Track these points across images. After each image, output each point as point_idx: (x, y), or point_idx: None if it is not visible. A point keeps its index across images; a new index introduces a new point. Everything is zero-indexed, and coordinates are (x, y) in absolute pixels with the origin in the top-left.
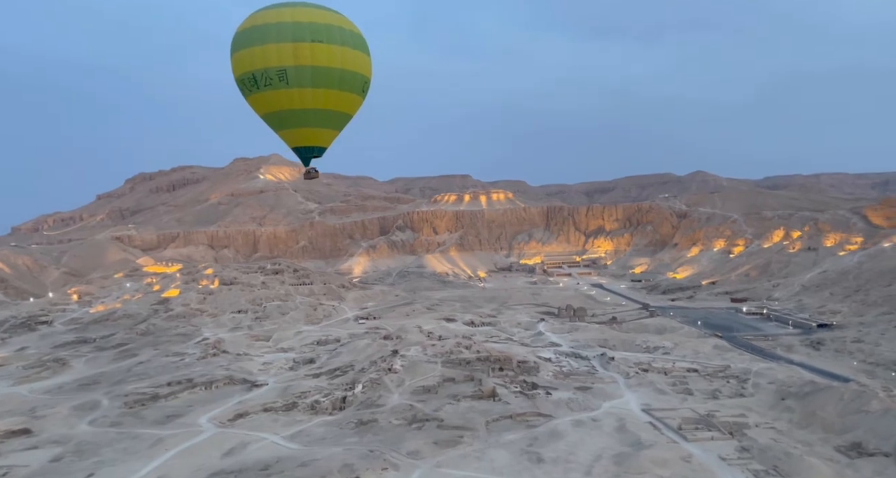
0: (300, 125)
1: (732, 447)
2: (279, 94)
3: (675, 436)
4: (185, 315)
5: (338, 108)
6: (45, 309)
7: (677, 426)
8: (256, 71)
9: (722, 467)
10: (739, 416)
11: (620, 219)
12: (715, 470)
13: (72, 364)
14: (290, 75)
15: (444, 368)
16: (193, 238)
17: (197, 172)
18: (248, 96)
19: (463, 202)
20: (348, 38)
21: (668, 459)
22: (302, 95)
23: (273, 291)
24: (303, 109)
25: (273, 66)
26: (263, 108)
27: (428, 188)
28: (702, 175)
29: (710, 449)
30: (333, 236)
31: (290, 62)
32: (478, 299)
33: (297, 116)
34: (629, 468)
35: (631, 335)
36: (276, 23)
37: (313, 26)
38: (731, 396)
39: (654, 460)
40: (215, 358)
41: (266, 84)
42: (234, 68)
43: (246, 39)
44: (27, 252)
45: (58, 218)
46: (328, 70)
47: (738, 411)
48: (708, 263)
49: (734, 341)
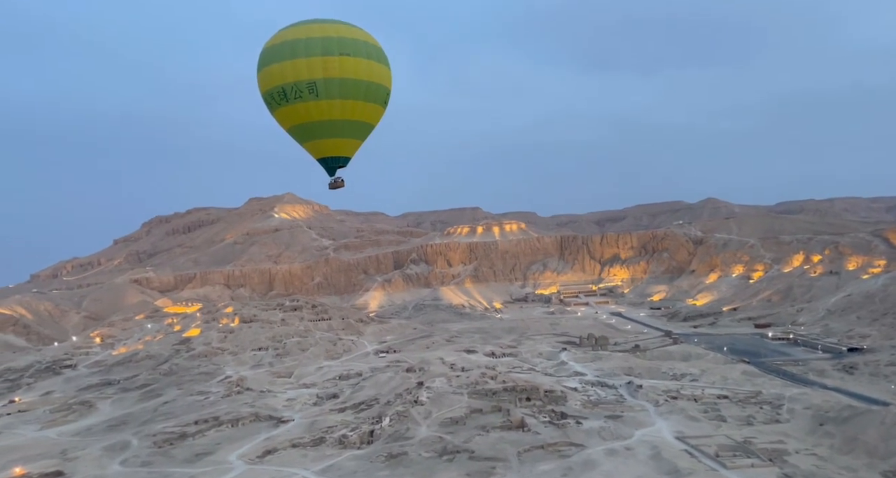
0: (327, 136)
1: (774, 475)
2: (308, 106)
3: (713, 464)
4: (207, 354)
5: (363, 119)
6: (68, 353)
7: (714, 454)
8: (287, 84)
9: None
10: (778, 442)
11: (635, 247)
12: None
13: (98, 406)
14: (319, 87)
15: (470, 398)
16: (210, 278)
17: (212, 213)
18: (276, 110)
19: (476, 234)
20: (373, 51)
21: None
22: (331, 107)
23: (292, 328)
24: (330, 120)
25: (303, 79)
26: (291, 120)
27: (439, 221)
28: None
29: (752, 476)
30: (348, 272)
31: (320, 75)
32: (496, 330)
33: (324, 127)
34: None
35: (656, 363)
36: (306, 38)
37: (341, 40)
38: (767, 422)
39: None
40: (239, 396)
41: (296, 96)
42: (261, 83)
43: (276, 54)
44: (48, 298)
45: (76, 263)
46: (356, 82)
47: (776, 437)
48: (728, 289)
49: (763, 367)
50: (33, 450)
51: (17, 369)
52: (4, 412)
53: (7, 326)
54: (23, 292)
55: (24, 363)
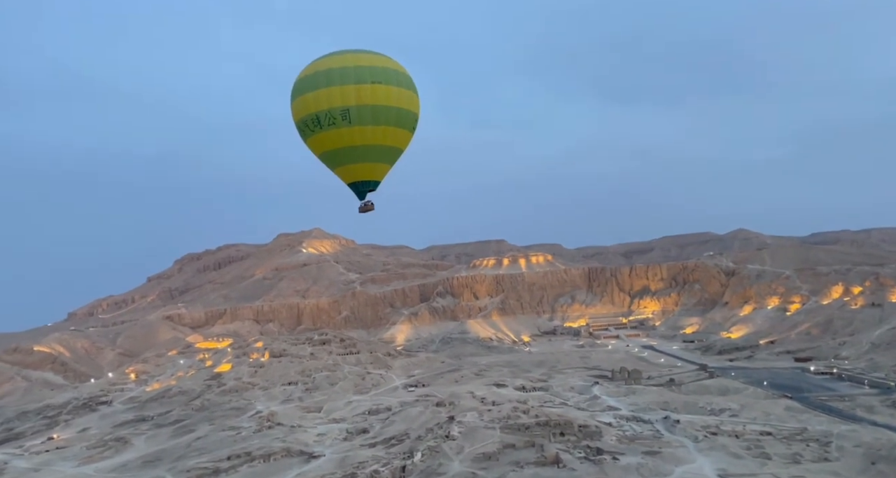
0: (358, 161)
1: None
2: (341, 133)
3: None
4: (238, 389)
5: (393, 144)
6: (104, 389)
7: None
8: (321, 112)
9: None
10: None
11: (665, 278)
12: None
13: (133, 442)
14: (352, 114)
15: (503, 433)
16: (239, 314)
17: (242, 250)
18: (309, 137)
19: (502, 266)
20: (402, 79)
21: None
22: (363, 133)
23: (321, 362)
24: (363, 145)
25: (337, 107)
26: (324, 146)
27: (464, 254)
28: (743, 233)
29: None
30: (375, 305)
31: (353, 102)
32: (525, 364)
33: (356, 152)
34: None
35: (692, 397)
36: (340, 67)
37: (373, 69)
38: (815, 460)
39: None
40: (270, 431)
41: (330, 123)
42: (296, 111)
43: (310, 83)
44: (85, 335)
45: (111, 301)
46: (387, 108)
47: (826, 476)
48: (763, 322)
49: (807, 402)
50: None
51: (55, 406)
52: (43, 449)
53: (46, 363)
54: (61, 330)
55: (61, 400)
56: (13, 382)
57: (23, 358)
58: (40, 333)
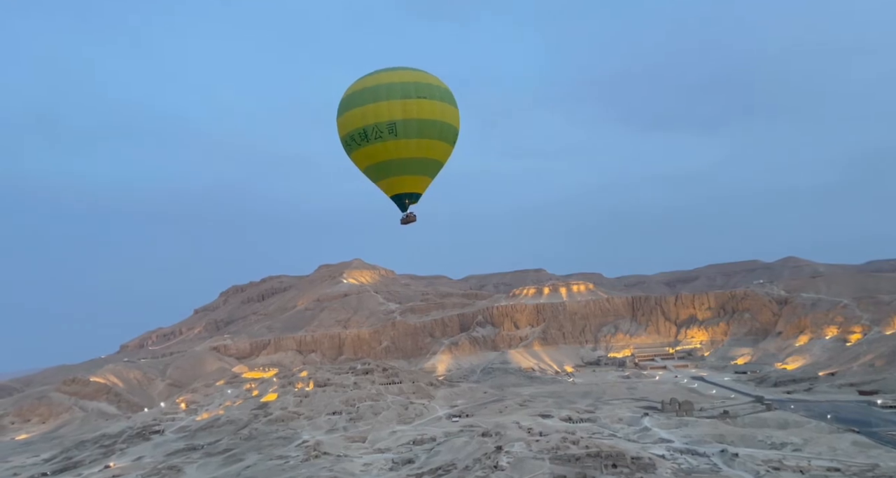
0: (401, 173)
1: None
2: (387, 146)
3: None
4: (284, 419)
5: (435, 157)
6: (156, 419)
7: None
8: (368, 126)
9: None
10: None
11: (713, 307)
12: None
13: (185, 471)
14: (399, 128)
15: (552, 464)
16: (283, 344)
17: (285, 281)
18: (354, 152)
19: (542, 295)
20: (445, 95)
21: None
22: (408, 146)
23: (365, 391)
24: (408, 158)
25: (384, 121)
26: (369, 160)
27: (502, 284)
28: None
29: None
30: (415, 335)
31: (400, 116)
32: (570, 395)
33: (400, 165)
34: None
35: (749, 430)
36: (387, 83)
37: (417, 85)
38: None
39: None
40: (317, 460)
41: (376, 137)
42: (342, 127)
43: (358, 99)
44: (137, 366)
45: (160, 333)
46: (431, 122)
47: None
48: (822, 353)
49: (876, 438)
50: None
51: (111, 435)
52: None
53: (101, 394)
54: (114, 362)
55: (116, 430)
56: (71, 412)
57: (79, 389)
58: (95, 365)
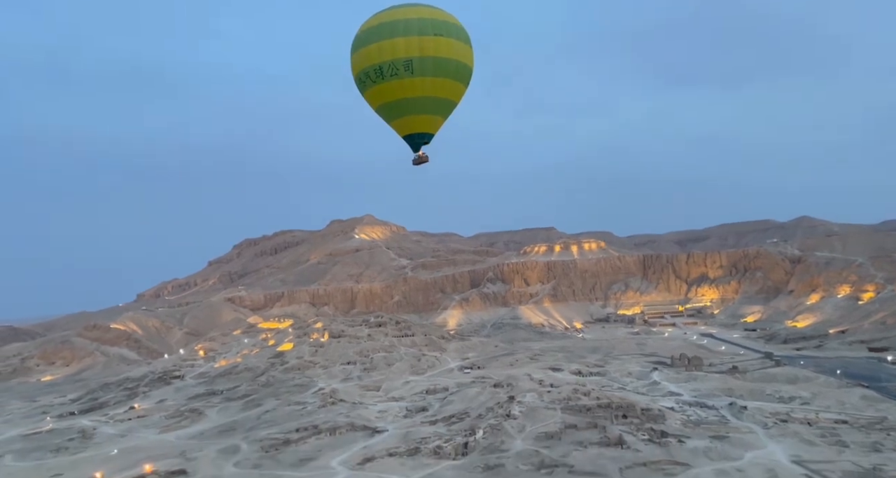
0: (415, 112)
1: None
2: (402, 84)
3: None
4: (300, 367)
5: (449, 96)
6: (176, 365)
7: None
8: (384, 63)
9: None
10: None
11: (725, 266)
12: None
13: (207, 414)
14: (415, 65)
15: (564, 414)
16: (296, 297)
17: (297, 236)
18: (368, 89)
19: (553, 253)
20: (460, 32)
21: None
22: (423, 84)
23: (378, 343)
24: (423, 97)
25: (401, 57)
26: (383, 98)
27: (512, 242)
28: (808, 220)
29: None
30: (426, 291)
31: (417, 53)
32: (580, 350)
33: (415, 104)
34: None
35: (759, 385)
36: (404, 19)
37: (434, 22)
38: None
39: None
40: (334, 406)
41: (392, 74)
42: (357, 63)
43: (374, 35)
44: (155, 315)
45: (175, 284)
46: (447, 61)
47: None
48: (833, 311)
49: (885, 392)
50: (156, 451)
51: (133, 379)
52: (126, 418)
53: (121, 340)
54: (132, 310)
55: (139, 374)
56: (93, 357)
57: (101, 335)
58: (113, 313)
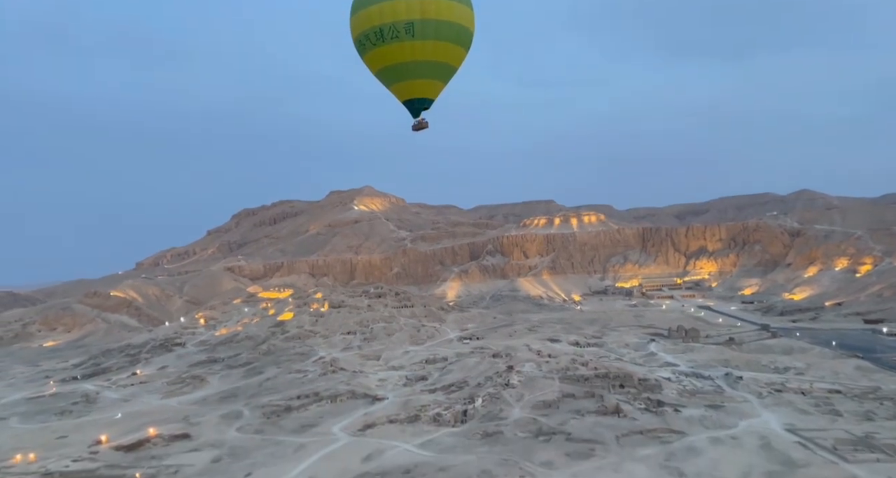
0: (416, 77)
1: None
2: (403, 47)
3: (831, 457)
4: (300, 336)
5: (449, 61)
6: (177, 332)
7: (831, 447)
8: (385, 25)
9: None
10: None
11: (724, 239)
12: None
13: (208, 380)
14: (416, 28)
15: (562, 384)
16: (296, 267)
17: (296, 206)
18: (368, 52)
19: (553, 225)
20: None
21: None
22: (424, 48)
23: (378, 314)
24: (423, 61)
25: (402, 20)
26: (383, 61)
27: (512, 214)
28: (808, 194)
29: (878, 471)
30: (425, 263)
31: (418, 16)
32: (578, 322)
33: (415, 68)
34: None
35: (755, 356)
36: None
37: None
38: (890, 418)
39: None
40: (334, 375)
41: (393, 37)
42: (357, 25)
43: None
44: (155, 283)
45: (174, 253)
46: (448, 24)
47: None
48: (830, 284)
49: (879, 363)
50: (160, 415)
51: (135, 346)
52: (129, 383)
53: (122, 307)
54: (132, 278)
55: (140, 341)
56: (94, 323)
57: (101, 302)
58: (114, 281)
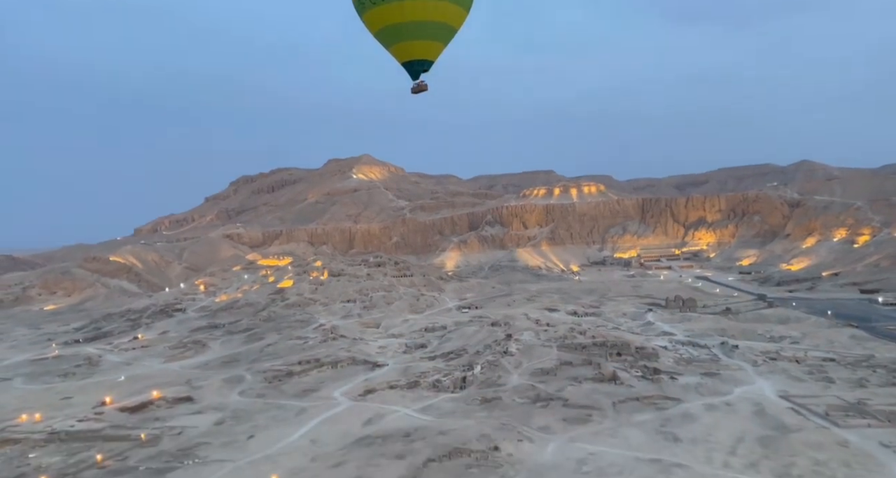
0: (416, 38)
1: (895, 435)
2: (403, 6)
3: (823, 422)
4: (300, 304)
5: (449, 22)
6: (177, 298)
7: (824, 412)
8: None
9: (887, 454)
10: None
11: (723, 209)
12: (879, 456)
13: (209, 346)
14: None
15: (560, 352)
16: (295, 235)
17: (294, 174)
18: (367, 11)
19: (553, 196)
20: None
21: (822, 442)
22: (425, 7)
23: (377, 282)
24: (424, 21)
25: None
26: (383, 21)
27: (511, 185)
28: (808, 164)
29: (869, 436)
30: (424, 232)
31: None
32: (576, 292)
33: (415, 29)
34: (778, 450)
35: (751, 325)
36: None
37: None
38: (882, 385)
39: (806, 443)
40: (335, 342)
41: None
42: None
43: None
44: (154, 249)
45: (172, 219)
46: None
47: (894, 400)
48: (828, 254)
49: (874, 332)
50: (163, 378)
51: (136, 311)
52: (130, 347)
53: (121, 273)
54: (131, 244)
55: (141, 306)
56: (94, 288)
57: (100, 267)
58: (112, 246)
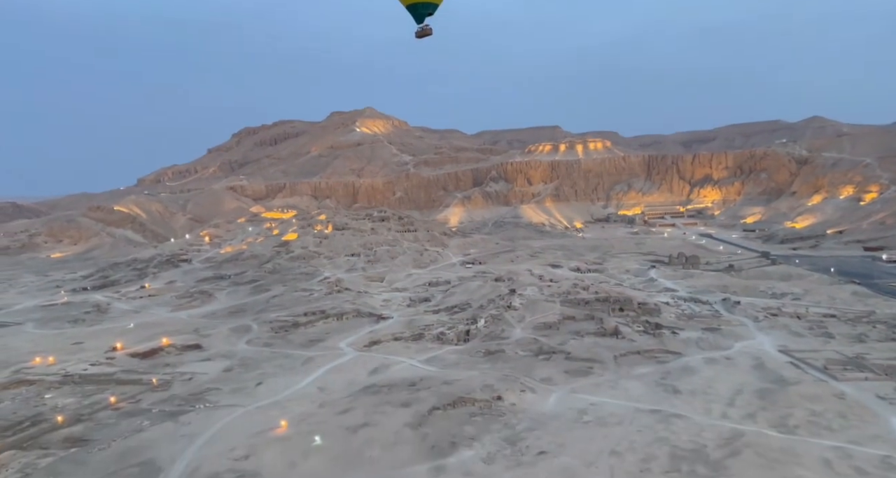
0: None
1: (891, 388)
2: None
3: (821, 375)
4: (305, 257)
5: None
6: (183, 249)
7: (822, 366)
8: None
9: (882, 405)
10: (894, 359)
11: (730, 167)
12: (874, 408)
13: (216, 296)
14: None
15: (563, 307)
16: (298, 189)
17: (297, 126)
18: None
19: (558, 152)
20: None
21: (819, 394)
22: None
23: (382, 237)
24: None
25: None
26: None
27: (516, 140)
28: (818, 121)
29: (866, 389)
30: (428, 188)
31: None
32: (579, 248)
33: None
34: (775, 402)
35: (753, 282)
36: None
37: None
38: (882, 340)
39: (804, 395)
40: (340, 294)
41: None
42: None
43: None
44: (158, 200)
45: (175, 170)
46: None
47: (892, 354)
48: (833, 212)
49: (876, 288)
50: (172, 327)
51: (142, 260)
52: (138, 296)
53: (126, 222)
54: (134, 194)
55: (147, 255)
56: (100, 237)
57: (105, 216)
58: (116, 195)
